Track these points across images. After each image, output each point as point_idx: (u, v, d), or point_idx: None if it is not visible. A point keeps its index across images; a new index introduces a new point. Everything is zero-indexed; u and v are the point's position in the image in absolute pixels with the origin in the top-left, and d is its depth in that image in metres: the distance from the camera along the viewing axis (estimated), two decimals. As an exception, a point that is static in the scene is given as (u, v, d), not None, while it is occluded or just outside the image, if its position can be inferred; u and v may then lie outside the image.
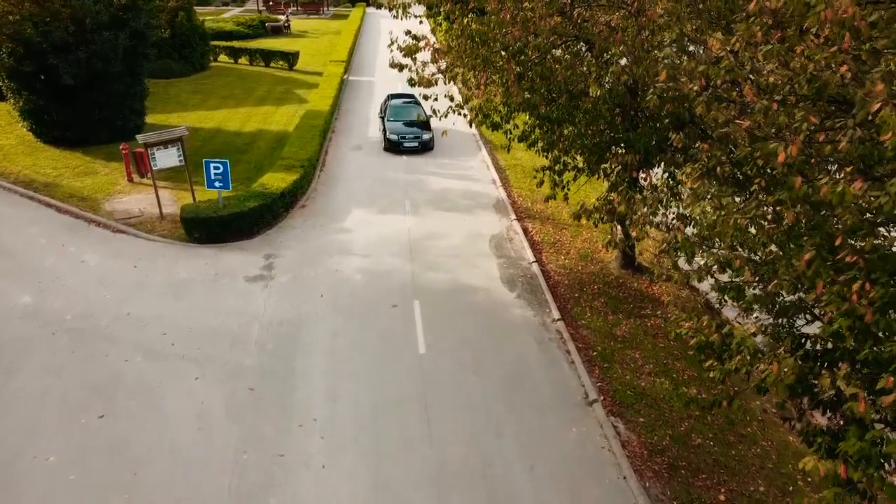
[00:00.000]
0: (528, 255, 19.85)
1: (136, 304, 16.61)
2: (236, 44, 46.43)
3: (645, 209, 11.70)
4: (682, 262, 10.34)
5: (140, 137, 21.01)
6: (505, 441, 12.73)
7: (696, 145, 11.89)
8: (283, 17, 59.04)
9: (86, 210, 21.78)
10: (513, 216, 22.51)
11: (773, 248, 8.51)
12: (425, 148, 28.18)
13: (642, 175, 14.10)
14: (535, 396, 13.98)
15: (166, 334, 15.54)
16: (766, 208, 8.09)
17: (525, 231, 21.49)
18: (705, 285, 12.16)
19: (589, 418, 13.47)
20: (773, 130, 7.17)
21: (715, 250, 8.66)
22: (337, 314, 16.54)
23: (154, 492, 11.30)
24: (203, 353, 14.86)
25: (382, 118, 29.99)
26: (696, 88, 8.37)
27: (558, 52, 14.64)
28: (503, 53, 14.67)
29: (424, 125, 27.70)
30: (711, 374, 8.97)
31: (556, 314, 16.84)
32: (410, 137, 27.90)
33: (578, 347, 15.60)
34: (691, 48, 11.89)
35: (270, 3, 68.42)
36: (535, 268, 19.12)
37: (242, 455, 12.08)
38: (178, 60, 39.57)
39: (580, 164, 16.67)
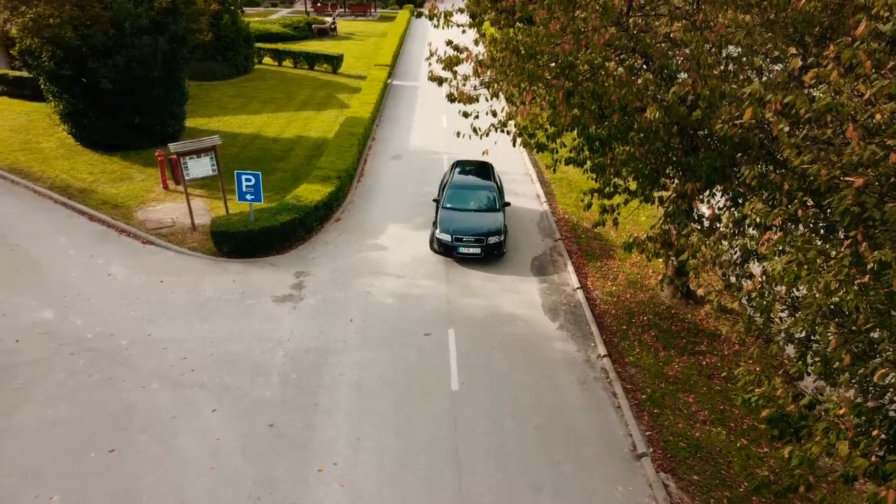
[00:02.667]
0: (573, 279, 18.54)
1: (159, 325, 15.88)
2: (281, 46, 46.03)
3: (705, 247, 10.38)
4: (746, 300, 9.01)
5: (172, 146, 20.37)
6: (542, 499, 11.50)
7: (766, 174, 10.53)
8: (329, 19, 58.61)
9: (118, 219, 21.28)
10: (557, 235, 21.20)
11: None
12: (490, 255, 19.30)
13: (704, 206, 12.71)
14: (578, 446, 12.71)
15: (186, 359, 14.74)
16: (865, 267, 6.73)
17: (570, 252, 20.17)
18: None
19: (636, 475, 12.14)
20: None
21: (800, 315, 7.31)
22: (366, 342, 15.53)
23: (158, 543, 10.44)
24: (223, 383, 14.00)
25: (437, 202, 21.01)
26: (784, 128, 7.03)
27: (611, 66, 13.35)
28: (551, 67, 13.46)
29: (494, 219, 19.61)
30: (787, 456, 7.64)
31: (601, 349, 15.52)
32: (469, 241, 19.07)
33: (626, 389, 14.27)
34: (765, 68, 10.53)
35: (318, 4, 68.16)
36: (580, 295, 17.81)
37: (255, 503, 11.12)
38: (221, 63, 39.28)
39: (632, 188, 15.36)
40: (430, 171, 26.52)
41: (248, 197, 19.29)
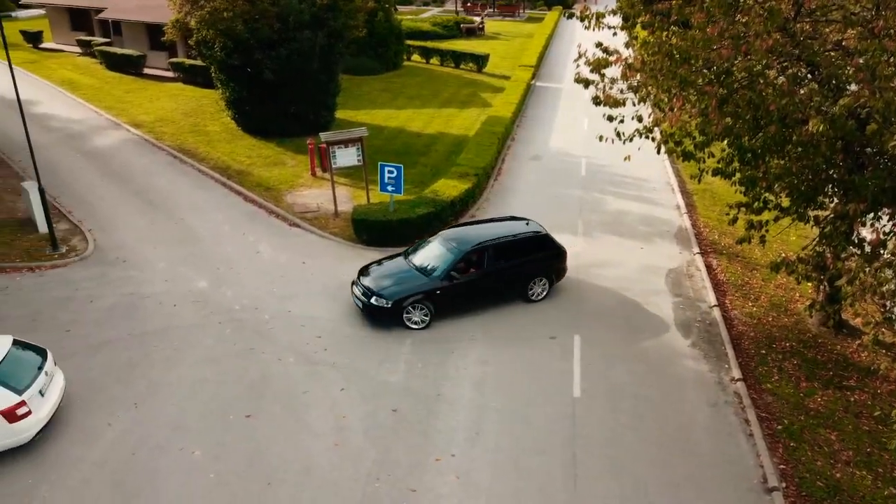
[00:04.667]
0: (710, 297, 17.69)
1: (298, 303, 16.85)
2: (429, 44, 47.16)
3: (864, 274, 9.57)
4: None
5: (323, 136, 21.54)
6: (659, 519, 11.13)
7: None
8: (477, 19, 59.33)
9: (269, 200, 22.78)
10: (696, 249, 20.31)
11: None
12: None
13: (867, 230, 11.73)
14: (701, 470, 12.14)
15: (321, 338, 15.55)
16: None
17: (709, 268, 19.26)
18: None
19: (765, 509, 11.44)
20: None
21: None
22: (490, 339, 15.66)
23: (283, 507, 11.11)
24: (352, 364, 14.64)
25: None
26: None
27: (772, 75, 12.60)
28: (705, 73, 12.90)
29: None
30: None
31: (736, 373, 14.72)
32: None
33: (760, 417, 13.44)
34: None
35: (468, 3, 69.16)
36: (717, 313, 16.96)
37: (374, 483, 11.55)
38: (372, 58, 40.84)
39: (784, 205, 14.43)
40: (567, 173, 26.24)
41: (390, 188, 20.02)
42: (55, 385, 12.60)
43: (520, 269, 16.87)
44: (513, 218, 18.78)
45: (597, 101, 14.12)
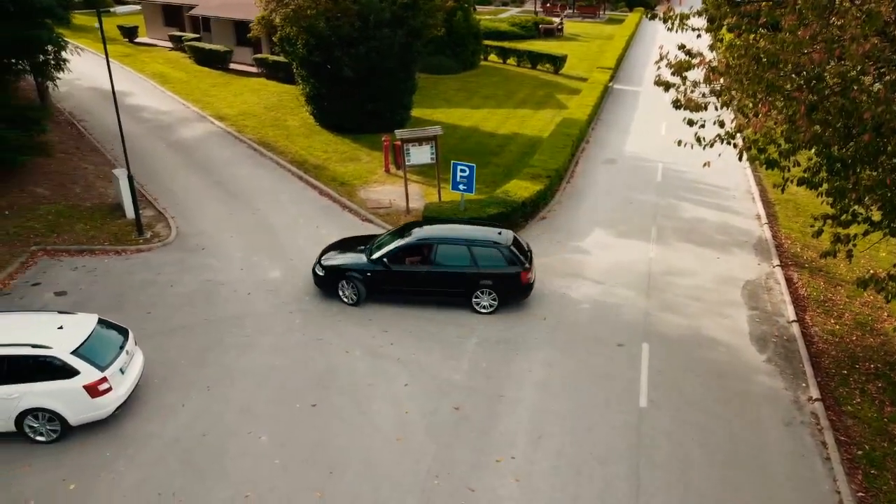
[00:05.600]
0: (789, 311, 16.96)
1: (368, 297, 17.05)
2: (506, 44, 46.98)
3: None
4: None
5: (398, 133, 21.78)
6: (725, 538, 10.75)
7: None
8: (556, 20, 58.74)
9: (342, 195, 23.20)
10: (776, 261, 19.51)
11: None
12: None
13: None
14: (772, 492, 11.64)
15: (387, 332, 15.73)
16: None
17: (789, 281, 18.46)
18: None
19: (840, 537, 10.90)
20: None
21: None
22: (556, 342, 15.49)
23: (342, 499, 11.27)
24: (417, 360, 14.75)
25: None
26: None
27: (867, 81, 11.95)
28: (794, 78, 12.35)
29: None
30: None
31: (814, 392, 14.06)
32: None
33: (839, 441, 12.79)
34: None
35: (547, 4, 68.56)
36: (796, 329, 16.25)
37: (433, 480, 11.60)
38: (450, 57, 41.00)
39: (875, 218, 13.66)
40: (642, 178, 25.67)
41: (461, 187, 20.08)
42: (135, 364, 13.21)
43: (462, 275, 16.30)
44: (494, 225, 17.97)
45: (677, 105, 13.73)
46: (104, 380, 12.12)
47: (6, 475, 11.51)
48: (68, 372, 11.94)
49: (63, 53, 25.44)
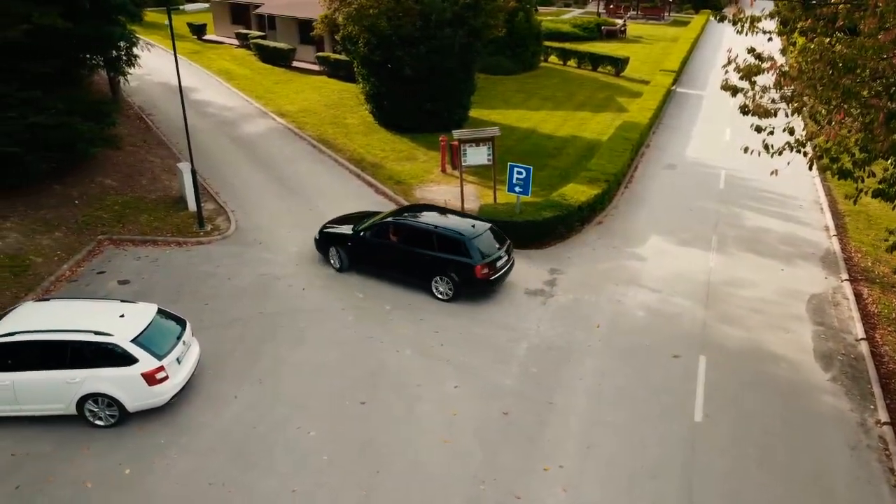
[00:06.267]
0: (858, 329, 16.20)
1: (419, 296, 17.06)
2: (567, 45, 46.43)
3: None
4: None
5: (456, 133, 21.74)
6: (781, 563, 10.30)
7: None
8: (619, 21, 57.79)
9: (398, 194, 23.28)
10: (844, 275, 18.68)
11: None
12: None
13: None
14: (834, 517, 11.15)
15: (438, 333, 15.69)
16: None
17: (858, 297, 17.65)
18: None
19: (906, 570, 10.32)
20: None
21: None
22: (609, 351, 15.17)
23: (387, 499, 11.26)
24: (467, 363, 14.65)
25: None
26: None
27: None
28: (873, 84, 11.77)
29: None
30: None
31: (882, 415, 13.37)
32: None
33: (908, 467, 12.15)
34: None
35: (611, 6, 67.53)
36: (864, 347, 15.51)
37: (480, 485, 11.49)
38: (509, 58, 40.76)
39: (956, 234, 12.93)
40: (704, 184, 24.98)
41: (517, 189, 19.90)
42: (191, 354, 13.50)
43: (421, 259, 16.89)
44: (479, 219, 18.15)
45: (744, 111, 13.24)
46: (161, 368, 12.43)
47: (67, 457, 11.91)
48: (128, 359, 12.29)
49: (134, 49, 26.34)
